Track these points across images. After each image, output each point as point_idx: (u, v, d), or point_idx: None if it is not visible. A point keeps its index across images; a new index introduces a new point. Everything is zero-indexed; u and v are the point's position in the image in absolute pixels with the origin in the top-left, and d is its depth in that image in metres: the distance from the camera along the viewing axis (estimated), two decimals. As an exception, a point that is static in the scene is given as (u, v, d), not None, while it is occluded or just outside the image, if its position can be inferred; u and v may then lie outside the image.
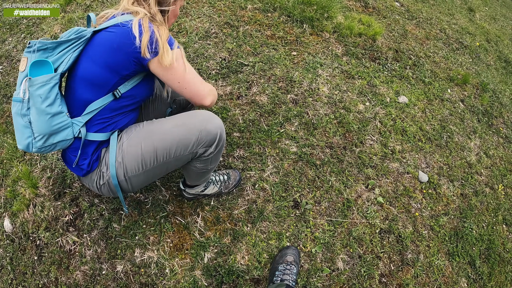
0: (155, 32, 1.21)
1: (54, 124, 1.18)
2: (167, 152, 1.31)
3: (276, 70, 2.46)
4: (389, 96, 2.57)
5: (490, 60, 4.19)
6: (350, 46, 2.87)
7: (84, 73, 1.23)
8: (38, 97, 1.14)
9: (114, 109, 1.30)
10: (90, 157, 1.30)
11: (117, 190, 1.35)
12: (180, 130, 1.31)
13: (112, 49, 1.21)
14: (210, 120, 1.34)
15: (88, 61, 1.23)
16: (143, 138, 1.31)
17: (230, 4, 3.02)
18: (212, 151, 1.37)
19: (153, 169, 1.34)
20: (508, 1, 8.25)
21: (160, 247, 1.67)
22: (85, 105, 1.25)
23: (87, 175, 1.35)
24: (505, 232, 2.35)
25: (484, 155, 2.69)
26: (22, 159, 2.06)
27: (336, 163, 2.07)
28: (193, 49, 2.54)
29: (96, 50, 1.23)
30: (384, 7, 3.73)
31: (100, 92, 1.25)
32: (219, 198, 1.82)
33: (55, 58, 1.20)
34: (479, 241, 2.16)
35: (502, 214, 2.41)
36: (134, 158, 1.30)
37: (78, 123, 1.25)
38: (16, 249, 1.76)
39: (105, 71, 1.23)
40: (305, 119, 2.22)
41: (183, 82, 1.31)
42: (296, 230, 1.79)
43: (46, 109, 1.16)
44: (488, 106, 3.20)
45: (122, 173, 1.31)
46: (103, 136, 1.30)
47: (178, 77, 1.30)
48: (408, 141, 2.36)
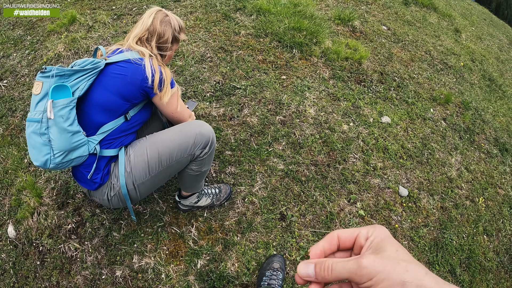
0: (163, 73, 1.52)
1: (73, 142, 1.37)
2: (169, 156, 1.52)
3: (266, 93, 2.67)
4: (372, 116, 2.77)
5: (474, 79, 4.40)
6: (337, 69, 3.09)
7: (99, 99, 1.45)
8: (60, 117, 1.32)
9: (123, 130, 1.54)
10: (102, 171, 1.50)
11: (126, 199, 1.54)
12: (179, 136, 1.54)
13: (125, 82, 1.46)
14: (202, 126, 1.58)
15: (102, 89, 1.46)
16: (148, 147, 1.53)
17: (224, 30, 3.26)
18: (206, 152, 1.59)
19: (158, 174, 1.55)
20: (496, 20, 8.54)
21: (157, 254, 1.83)
22: (98, 127, 1.47)
23: (98, 189, 1.53)
24: (486, 242, 2.49)
25: (465, 170, 2.85)
26: (27, 170, 2.23)
27: (320, 179, 2.25)
28: (190, 72, 2.75)
29: (110, 80, 1.46)
30: (371, 31, 3.97)
31: (113, 116, 1.49)
32: (212, 210, 2.00)
33: (71, 84, 1.39)
34: (459, 251, 2.30)
35: (483, 225, 2.55)
36: (141, 166, 1.51)
37: (94, 141, 1.46)
38: (19, 254, 1.89)
39: (118, 99, 1.46)
40: (292, 139, 2.41)
41: (175, 113, 1.67)
42: (283, 240, 1.95)
43: (68, 128, 1.33)
44: (470, 123, 3.38)
45: (131, 181, 1.51)
46: (113, 152, 1.51)
47: (171, 110, 1.65)
48: (389, 159, 2.53)
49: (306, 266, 0.41)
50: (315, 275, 0.40)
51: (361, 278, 0.35)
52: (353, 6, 4.55)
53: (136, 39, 1.60)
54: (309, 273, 0.40)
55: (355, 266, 0.36)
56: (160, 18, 1.63)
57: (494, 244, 2.51)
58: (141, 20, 1.64)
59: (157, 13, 1.64)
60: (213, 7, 3.62)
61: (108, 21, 3.39)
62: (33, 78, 2.94)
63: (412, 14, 5.14)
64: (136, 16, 3.46)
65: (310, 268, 0.40)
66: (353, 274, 0.36)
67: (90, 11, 3.66)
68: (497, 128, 3.61)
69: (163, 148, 1.52)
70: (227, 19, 3.43)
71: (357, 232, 0.42)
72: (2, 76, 3.06)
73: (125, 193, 1.51)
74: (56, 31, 3.40)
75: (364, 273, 0.35)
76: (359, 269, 0.35)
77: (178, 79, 2.69)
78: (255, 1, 3.73)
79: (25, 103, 2.71)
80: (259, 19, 3.43)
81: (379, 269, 0.34)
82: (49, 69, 1.35)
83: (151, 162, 1.51)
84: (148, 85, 1.48)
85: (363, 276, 0.35)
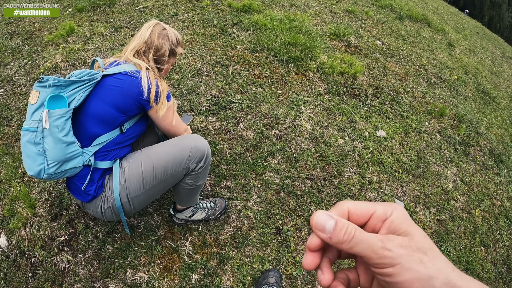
0: (159, 86, 1.52)
1: (68, 152, 1.36)
2: (164, 169, 1.52)
3: (262, 107, 2.69)
4: (367, 130, 2.79)
5: (468, 92, 4.46)
6: (332, 84, 3.13)
7: (95, 110, 1.45)
8: (55, 127, 1.32)
9: (118, 142, 1.53)
10: (96, 183, 1.49)
11: (120, 212, 1.53)
12: (174, 149, 1.54)
13: (122, 94, 1.46)
14: (197, 139, 1.58)
15: (98, 101, 1.46)
16: (143, 160, 1.52)
17: (221, 44, 3.30)
18: (201, 166, 1.59)
19: (152, 188, 1.54)
20: (488, 34, 8.70)
21: (151, 268, 1.81)
22: (93, 138, 1.46)
23: (92, 201, 1.52)
24: (483, 254, 2.48)
25: (461, 182, 2.87)
26: (21, 180, 2.21)
27: (316, 194, 2.25)
28: (186, 86, 2.78)
29: (107, 92, 1.46)
30: (366, 46, 4.04)
31: (108, 128, 1.48)
32: (207, 224, 1.99)
33: (68, 95, 1.39)
34: (456, 263, 2.29)
35: (480, 237, 2.55)
36: (135, 179, 1.50)
37: (88, 152, 1.45)
38: (10, 265, 1.86)
39: (114, 111, 1.46)
40: (288, 153, 2.42)
41: (170, 127, 1.67)
42: (278, 255, 1.94)
43: (63, 138, 1.34)
44: (465, 136, 3.41)
45: (125, 194, 1.50)
46: (107, 164, 1.51)
47: (167, 123, 1.65)
48: (385, 172, 2.54)
49: (326, 217, 0.33)
50: (331, 233, 0.33)
51: (382, 260, 0.31)
52: (348, 22, 4.63)
53: (133, 51, 1.61)
54: (326, 227, 0.33)
55: (379, 244, 0.31)
56: (158, 31, 1.64)
57: (491, 255, 2.50)
58: (139, 33, 1.65)
59: (155, 26, 1.66)
60: (210, 22, 3.68)
61: (106, 34, 3.43)
62: (30, 88, 2.95)
63: (406, 29, 5.23)
64: (134, 29, 3.51)
65: (330, 222, 0.33)
66: (373, 253, 0.31)
67: (89, 23, 3.71)
68: (492, 140, 3.65)
69: (158, 161, 1.51)
70: (223, 34, 3.48)
71: (372, 210, 0.35)
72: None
73: (119, 206, 1.50)
74: (54, 42, 3.43)
75: (388, 256, 0.31)
76: (383, 250, 0.31)
77: (175, 93, 2.71)
78: (251, 16, 3.79)
79: (21, 112, 2.72)
80: (256, 34, 3.49)
81: (405, 257, 0.30)
82: (46, 79, 1.36)
83: (145, 175, 1.50)
84: (144, 98, 1.48)
85: (385, 259, 0.31)
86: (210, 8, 4.02)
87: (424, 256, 0.30)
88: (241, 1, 4.15)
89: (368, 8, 5.53)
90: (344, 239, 0.32)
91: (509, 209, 2.96)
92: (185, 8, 3.96)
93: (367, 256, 0.32)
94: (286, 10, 4.44)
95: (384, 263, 0.31)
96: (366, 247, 0.31)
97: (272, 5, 4.53)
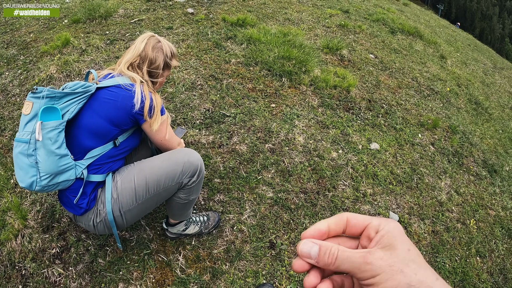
0: (153, 100, 1.51)
1: (61, 165, 1.35)
2: (157, 183, 1.50)
3: (256, 121, 2.71)
4: (361, 143, 2.81)
5: (461, 103, 4.52)
6: (325, 97, 3.15)
7: (88, 123, 1.44)
8: (48, 139, 1.31)
9: (111, 156, 1.52)
10: (88, 196, 1.48)
11: (112, 226, 1.51)
12: (167, 163, 1.53)
13: (115, 107, 1.45)
14: (190, 154, 1.57)
15: (92, 113, 1.45)
16: (136, 174, 1.51)
17: (215, 58, 3.33)
18: (194, 180, 1.57)
19: (145, 202, 1.53)
20: (480, 45, 8.85)
21: (143, 282, 1.78)
22: (86, 151, 1.45)
23: (84, 214, 1.51)
24: (479, 264, 2.47)
25: (455, 193, 2.88)
26: (12, 191, 2.18)
27: (309, 207, 2.24)
28: (180, 99, 2.79)
29: (100, 105, 1.45)
30: (359, 59, 4.09)
31: (102, 141, 1.47)
32: (200, 238, 1.97)
33: (61, 107, 1.38)
34: (453, 274, 2.28)
35: (475, 247, 2.54)
36: (128, 193, 1.49)
37: (81, 165, 1.44)
38: (1, 277, 1.82)
39: (107, 124, 1.45)
40: (281, 167, 2.42)
41: (164, 141, 1.66)
42: (272, 269, 1.92)
43: (56, 151, 1.32)
44: (458, 147, 3.44)
45: (117, 208, 1.49)
46: (100, 178, 1.49)
47: (160, 137, 1.64)
48: (379, 185, 2.55)
49: (310, 245, 0.36)
50: (317, 258, 0.36)
51: (363, 273, 0.33)
52: (341, 36, 4.71)
53: (127, 64, 1.60)
54: (311, 253, 0.36)
55: (360, 261, 0.34)
56: (153, 44, 1.64)
57: (487, 265, 2.49)
58: (134, 46, 1.64)
59: (149, 38, 1.65)
60: (205, 35, 3.72)
61: (101, 46, 3.45)
62: (24, 98, 2.94)
63: (398, 42, 5.32)
64: (129, 42, 3.53)
65: (314, 249, 0.36)
66: (356, 269, 0.34)
67: (84, 34, 3.73)
68: (485, 150, 3.68)
69: (150, 175, 1.50)
70: (218, 48, 3.52)
71: (368, 221, 0.38)
72: (-7, 94, 3.06)
73: (111, 219, 1.49)
74: (49, 52, 3.44)
75: (368, 269, 0.33)
76: (364, 264, 0.33)
77: (168, 106, 2.72)
78: (245, 30, 3.84)
79: (15, 122, 2.70)
80: (250, 47, 3.53)
81: (385, 268, 0.32)
82: (40, 90, 1.35)
83: (138, 189, 1.49)
84: (138, 111, 1.47)
85: (366, 272, 0.33)
86: (205, 22, 4.07)
87: (405, 267, 0.32)
88: (236, 15, 4.21)
89: (360, 22, 5.63)
90: (329, 261, 0.35)
91: (504, 218, 2.97)
92: (180, 22, 4.01)
93: (351, 272, 0.34)
94: (280, 25, 4.51)
95: (366, 275, 0.33)
96: (349, 264, 0.34)
97: (266, 20, 4.60)
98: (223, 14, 4.24)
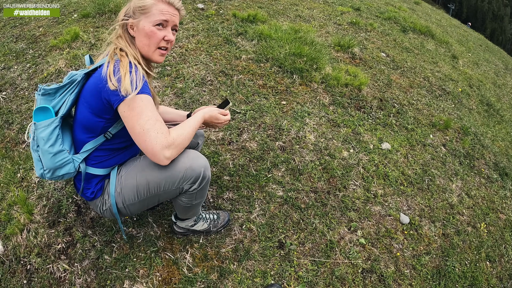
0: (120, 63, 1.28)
1: (56, 161, 1.37)
2: (157, 185, 1.46)
3: (266, 118, 2.67)
4: (372, 143, 2.76)
5: (472, 104, 4.44)
6: (337, 96, 3.11)
7: (79, 116, 1.40)
8: (41, 139, 1.33)
9: (108, 149, 1.47)
10: (93, 187, 1.48)
11: (117, 217, 1.52)
12: (169, 166, 1.40)
13: (92, 94, 1.31)
14: (195, 159, 1.43)
15: (83, 104, 1.37)
16: (138, 172, 1.47)
17: (225, 54, 3.30)
18: (196, 188, 1.48)
19: (147, 199, 1.50)
20: (491, 46, 8.72)
21: (149, 280, 1.76)
22: (82, 144, 1.43)
23: (92, 201, 1.53)
24: (489, 269, 2.42)
25: (466, 196, 2.82)
26: (19, 185, 2.17)
27: (320, 207, 2.21)
28: (189, 95, 2.76)
29: (85, 94, 1.36)
30: (370, 58, 4.03)
31: (92, 134, 1.41)
32: (208, 236, 1.95)
33: (56, 102, 1.38)
34: (462, 279, 2.23)
35: (485, 251, 2.50)
36: (130, 189, 1.46)
37: (78, 160, 1.42)
38: (5, 271, 1.81)
39: (91, 115, 1.34)
40: (292, 165, 2.39)
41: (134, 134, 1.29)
42: (281, 269, 1.89)
43: (48, 149, 1.34)
44: (470, 148, 3.38)
45: (121, 201, 1.48)
46: (103, 171, 1.48)
47: (129, 127, 1.29)
48: (390, 185, 2.51)
49: None
50: None
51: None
52: (352, 33, 4.65)
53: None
54: None
55: None
56: None
57: (497, 270, 2.45)
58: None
59: None
60: (215, 31, 3.68)
61: (110, 41, 3.44)
62: (32, 91, 2.94)
63: (410, 41, 5.24)
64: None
65: None
66: None
67: (93, 29, 3.72)
68: (497, 153, 3.61)
69: (151, 176, 1.44)
70: (228, 43, 3.49)
71: None
72: (2, 87, 3.06)
73: (115, 211, 1.49)
74: (59, 46, 3.43)
75: None
76: None
77: (178, 102, 2.70)
78: (256, 26, 3.80)
79: (23, 116, 2.70)
80: (260, 44, 3.49)
81: None
82: (39, 88, 1.37)
83: (139, 188, 1.46)
84: (106, 89, 1.23)
85: None
86: (215, 17, 4.04)
87: None
88: (246, 11, 4.17)
89: (372, 20, 5.55)
90: None
91: (515, 223, 2.91)
92: (190, 17, 3.98)
93: None
94: (291, 21, 4.46)
95: None
96: None
97: (277, 16, 4.55)
98: (234, 10, 4.20)
